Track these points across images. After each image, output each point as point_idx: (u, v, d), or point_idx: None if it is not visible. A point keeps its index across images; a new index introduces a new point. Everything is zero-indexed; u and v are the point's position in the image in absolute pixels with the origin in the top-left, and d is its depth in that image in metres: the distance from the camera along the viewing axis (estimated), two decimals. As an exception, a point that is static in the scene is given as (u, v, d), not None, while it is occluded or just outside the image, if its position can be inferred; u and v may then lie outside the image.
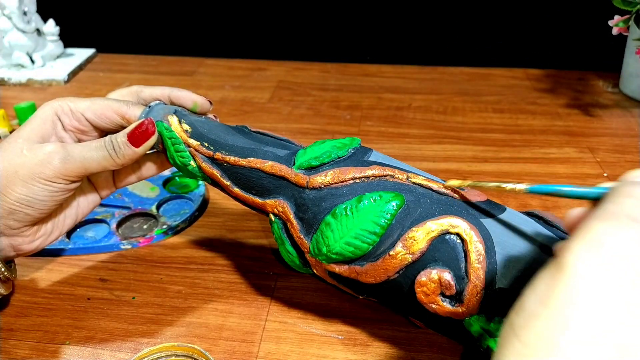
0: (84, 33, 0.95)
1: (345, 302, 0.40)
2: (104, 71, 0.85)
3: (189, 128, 0.37)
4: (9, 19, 0.78)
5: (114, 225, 0.48)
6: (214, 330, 0.38)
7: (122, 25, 1.03)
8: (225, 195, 0.37)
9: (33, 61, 0.83)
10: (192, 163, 0.37)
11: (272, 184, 0.35)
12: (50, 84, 0.80)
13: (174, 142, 0.36)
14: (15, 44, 0.80)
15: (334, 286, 0.35)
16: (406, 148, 0.62)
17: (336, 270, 0.33)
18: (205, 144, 0.36)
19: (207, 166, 0.36)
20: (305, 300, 0.41)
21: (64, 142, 0.36)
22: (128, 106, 0.37)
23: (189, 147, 0.36)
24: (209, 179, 0.37)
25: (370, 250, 0.31)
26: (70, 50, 0.89)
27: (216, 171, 0.36)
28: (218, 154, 0.36)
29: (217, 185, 0.37)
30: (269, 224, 0.38)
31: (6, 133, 0.63)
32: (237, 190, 0.36)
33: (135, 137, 0.35)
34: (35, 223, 0.36)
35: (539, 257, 0.29)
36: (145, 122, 0.36)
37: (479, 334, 0.30)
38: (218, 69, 0.85)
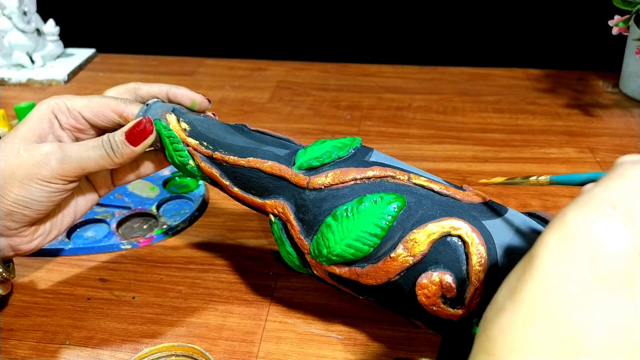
0: (84, 33, 0.95)
1: (345, 302, 0.40)
2: (104, 71, 0.85)
3: (187, 127, 0.36)
4: (9, 19, 0.78)
5: (114, 225, 0.48)
6: (214, 330, 0.38)
7: (122, 25, 1.03)
8: (225, 195, 0.37)
9: (33, 61, 0.82)
10: (191, 162, 0.36)
11: (272, 184, 0.34)
12: (50, 84, 0.80)
13: (172, 141, 0.36)
14: (15, 44, 0.80)
15: (334, 287, 0.35)
16: (406, 148, 0.62)
17: (336, 271, 0.32)
18: (204, 143, 0.36)
19: (206, 165, 0.36)
20: (305, 300, 0.41)
21: (61, 141, 0.36)
22: (125, 104, 0.36)
23: (187, 146, 0.36)
24: (208, 179, 0.37)
25: (371, 252, 0.31)
26: (70, 50, 0.89)
27: (215, 171, 0.36)
28: (217, 154, 0.35)
29: (217, 185, 0.37)
30: (268, 224, 0.38)
31: (6, 133, 0.63)
32: (237, 190, 0.35)
33: (133, 136, 0.35)
34: (34, 223, 0.36)
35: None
36: (143, 121, 0.35)
37: None
38: (218, 69, 0.85)
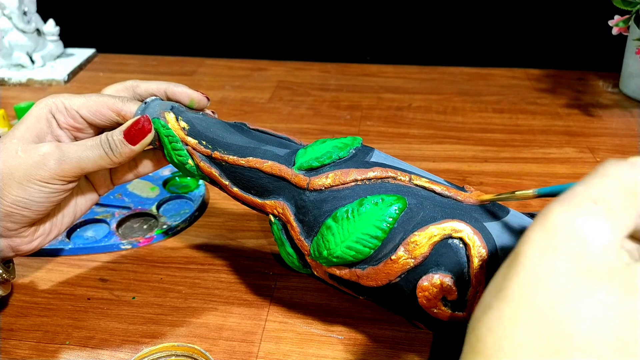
0: (84, 33, 0.95)
1: (345, 302, 0.40)
2: (104, 71, 0.85)
3: (186, 125, 0.36)
4: (9, 19, 0.78)
5: (114, 225, 0.48)
6: (214, 330, 0.38)
7: (122, 25, 1.02)
8: (225, 195, 0.37)
9: (33, 61, 0.82)
10: (190, 162, 0.36)
11: (272, 184, 0.34)
12: (50, 84, 0.80)
13: (171, 140, 0.35)
14: (15, 44, 0.80)
15: (334, 287, 0.35)
16: (406, 148, 0.62)
17: (337, 273, 0.32)
18: (203, 142, 0.35)
19: (205, 165, 0.35)
20: (305, 300, 0.41)
21: (59, 141, 0.36)
22: (123, 102, 0.36)
23: (186, 145, 0.35)
24: (208, 178, 0.36)
25: (371, 254, 0.31)
26: (70, 50, 0.89)
27: (214, 170, 0.35)
28: (216, 153, 0.35)
29: (216, 185, 0.36)
30: (268, 224, 0.38)
31: (6, 133, 0.63)
32: (236, 190, 0.35)
33: (132, 135, 0.34)
34: (33, 224, 0.36)
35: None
36: (142, 120, 0.35)
37: None
38: (218, 69, 0.85)
